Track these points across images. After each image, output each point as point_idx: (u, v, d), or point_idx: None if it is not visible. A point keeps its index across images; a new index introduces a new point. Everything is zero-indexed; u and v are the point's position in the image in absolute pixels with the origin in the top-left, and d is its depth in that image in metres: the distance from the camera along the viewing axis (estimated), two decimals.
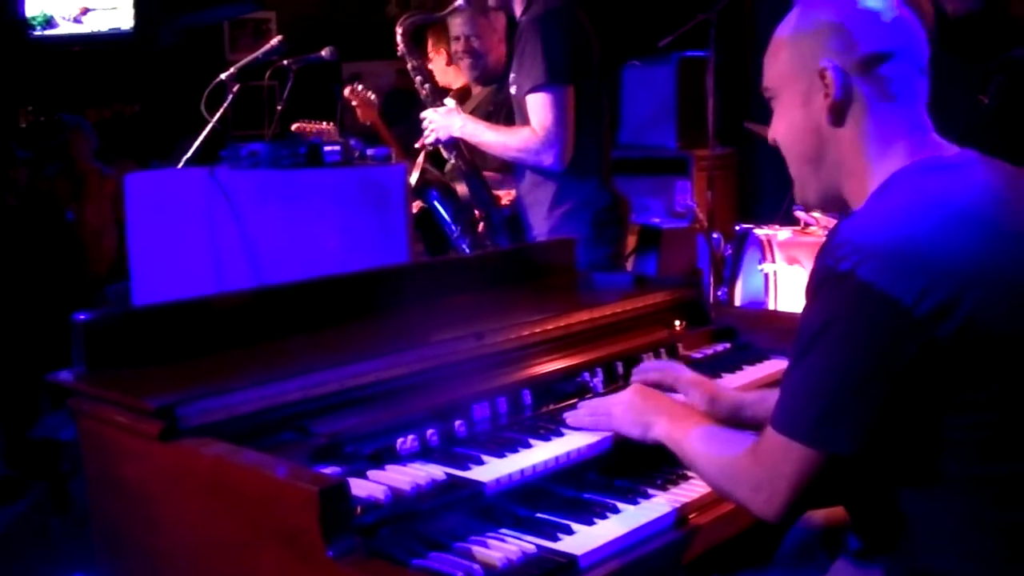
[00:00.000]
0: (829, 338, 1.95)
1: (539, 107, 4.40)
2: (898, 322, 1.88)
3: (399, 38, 4.98)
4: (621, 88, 8.78)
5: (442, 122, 4.79)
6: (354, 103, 6.36)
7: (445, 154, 4.94)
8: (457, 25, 5.50)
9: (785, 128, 2.24)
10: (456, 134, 4.76)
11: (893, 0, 2.15)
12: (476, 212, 4.91)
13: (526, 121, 4.49)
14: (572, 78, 4.41)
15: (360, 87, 6.37)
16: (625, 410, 2.51)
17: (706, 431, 2.32)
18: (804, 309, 2.02)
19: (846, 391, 1.93)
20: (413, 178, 4.96)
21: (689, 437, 2.32)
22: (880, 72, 2.11)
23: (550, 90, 4.38)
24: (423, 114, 4.90)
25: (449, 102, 4.91)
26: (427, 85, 4.98)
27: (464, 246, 4.89)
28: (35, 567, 4.32)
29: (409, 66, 5.01)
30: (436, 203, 5.00)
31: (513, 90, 4.61)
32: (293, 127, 5.88)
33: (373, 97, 6.38)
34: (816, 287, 2.00)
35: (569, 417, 2.59)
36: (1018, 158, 3.98)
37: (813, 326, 1.98)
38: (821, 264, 1.99)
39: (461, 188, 4.97)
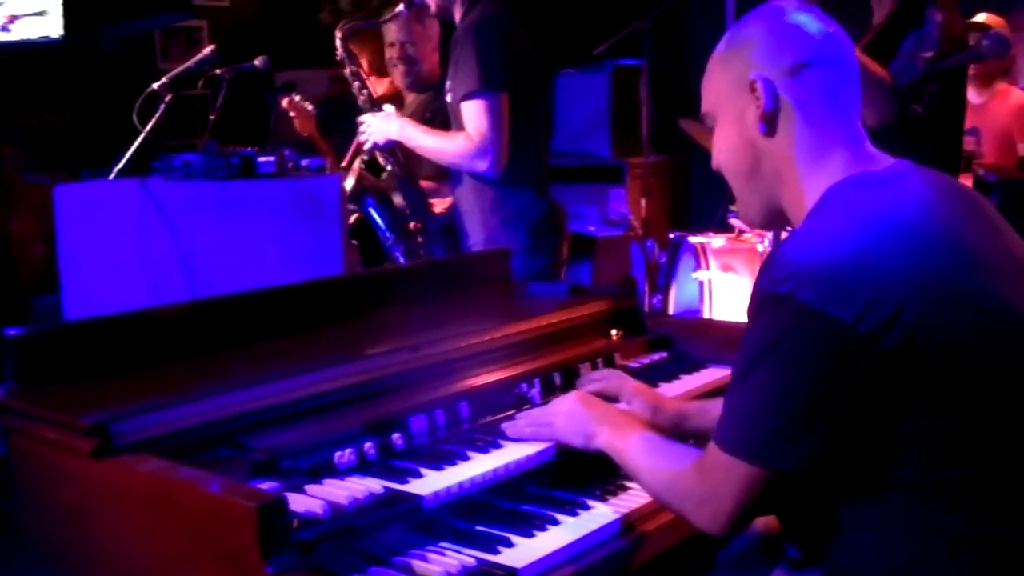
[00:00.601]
0: (773, 359, 1.96)
1: (474, 114, 4.40)
2: (841, 341, 1.89)
3: (338, 43, 4.97)
4: (555, 96, 8.81)
5: (379, 126, 4.77)
6: (292, 114, 6.31)
7: (381, 160, 4.91)
8: (393, 31, 5.49)
9: (723, 147, 2.27)
10: (394, 137, 4.73)
11: (819, 14, 2.19)
12: (411, 221, 4.89)
13: (461, 128, 4.48)
14: (506, 85, 4.41)
15: (298, 97, 6.32)
16: (566, 419, 2.51)
17: (649, 442, 2.33)
18: (746, 329, 2.03)
19: (791, 409, 1.94)
20: (349, 183, 4.94)
21: (632, 447, 2.33)
22: (808, 80, 2.14)
23: (484, 96, 4.38)
24: (360, 118, 4.89)
25: (388, 107, 4.90)
26: (365, 91, 4.96)
27: (398, 254, 4.87)
28: None
29: (347, 71, 5.00)
30: (371, 210, 4.97)
31: (448, 97, 4.60)
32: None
33: (311, 108, 6.33)
34: (757, 308, 2.01)
35: (508, 428, 2.59)
36: (951, 167, 4.03)
37: (756, 346, 1.99)
38: (761, 286, 2.00)
39: (398, 197, 4.95)
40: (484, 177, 4.48)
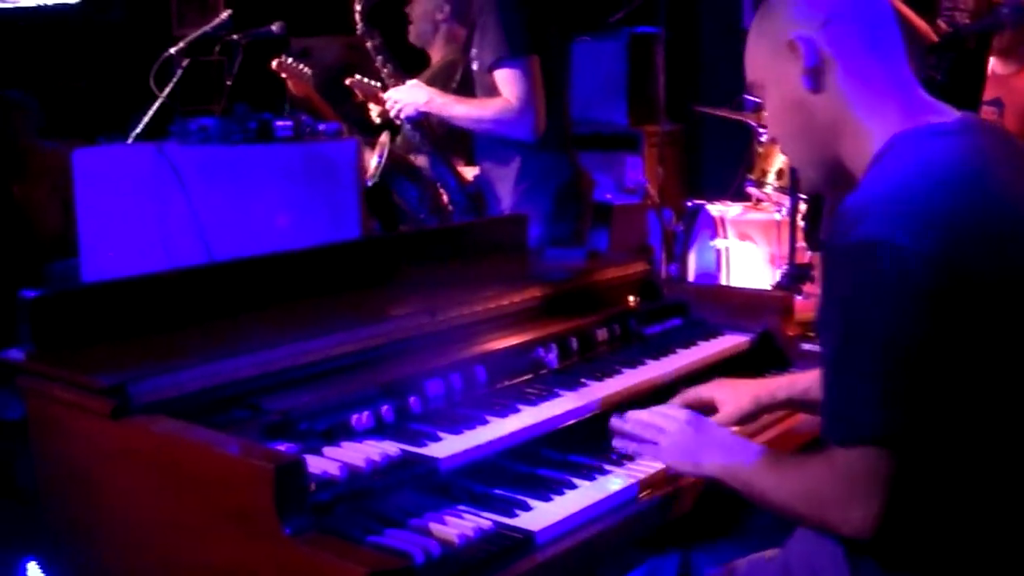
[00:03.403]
0: (854, 317, 1.92)
1: (507, 80, 4.37)
2: (920, 270, 1.86)
3: (357, 17, 4.89)
4: (571, 64, 8.76)
5: (408, 99, 4.71)
6: (283, 75, 6.22)
7: (409, 134, 4.86)
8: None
9: (774, 115, 2.26)
10: (423, 107, 4.68)
11: None
12: (443, 192, 4.85)
13: (488, 95, 4.46)
14: (534, 48, 4.38)
15: (290, 60, 6.16)
16: (673, 445, 2.39)
17: (768, 459, 2.22)
18: (823, 301, 2.00)
19: (890, 366, 1.89)
20: (373, 162, 4.90)
21: (751, 470, 2.21)
22: (845, 29, 2.13)
23: (515, 63, 4.35)
24: (386, 94, 4.83)
25: (411, 81, 4.84)
26: (388, 65, 4.90)
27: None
28: None
29: (369, 45, 4.92)
30: (402, 185, 4.94)
31: (475, 65, 4.57)
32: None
33: (306, 69, 6.20)
34: (831, 270, 1.99)
35: (616, 440, 2.49)
36: None
37: (838, 313, 1.95)
38: (830, 245, 1.98)
39: (420, 161, 4.92)
40: (522, 141, 4.44)
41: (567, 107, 4.73)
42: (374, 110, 5.43)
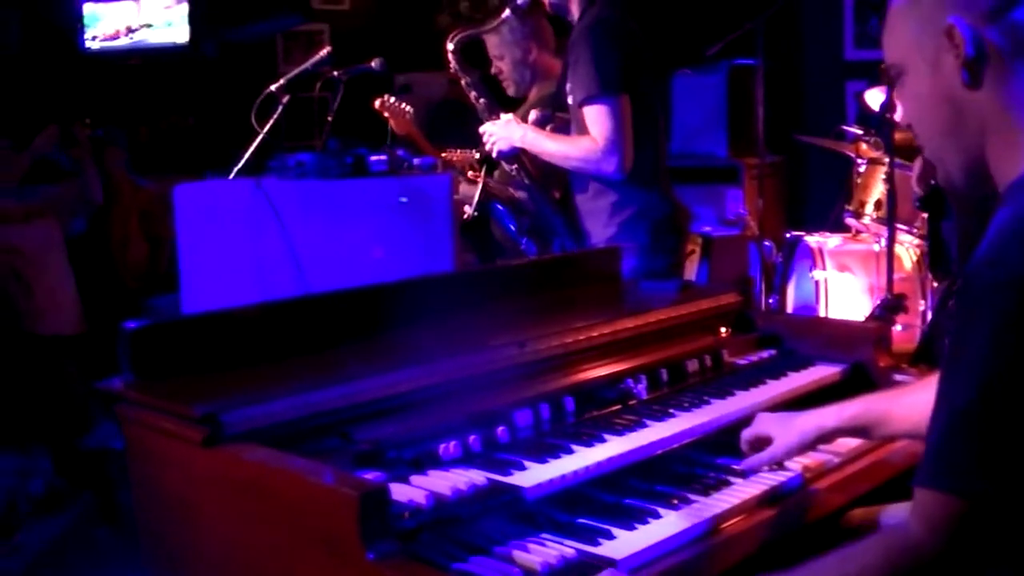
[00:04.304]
0: (970, 351, 1.78)
1: (596, 118, 4.39)
2: None
3: (450, 56, 4.93)
4: (671, 97, 8.78)
5: (502, 133, 4.75)
6: (385, 115, 6.32)
7: (506, 167, 4.90)
8: (490, 46, 5.52)
9: (915, 103, 2.06)
10: (517, 144, 4.71)
11: None
12: (541, 225, 4.87)
13: (581, 130, 4.49)
14: (625, 87, 4.41)
15: (392, 99, 6.29)
16: None
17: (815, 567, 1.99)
18: (952, 341, 1.84)
19: (984, 414, 1.75)
20: (473, 193, 4.95)
21: None
22: (1015, 20, 1.92)
23: (605, 101, 4.37)
24: (481, 128, 4.86)
25: (506, 115, 4.87)
26: (482, 100, 4.93)
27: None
28: None
29: (463, 83, 4.96)
30: (502, 217, 4.97)
31: (569, 100, 4.60)
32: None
33: (408, 108, 6.30)
34: (967, 308, 1.82)
35: None
36: None
37: (968, 357, 1.78)
38: (970, 277, 1.83)
39: (519, 194, 4.94)
40: (610, 179, 4.47)
41: (663, 142, 4.73)
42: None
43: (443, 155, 5.84)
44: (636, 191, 4.51)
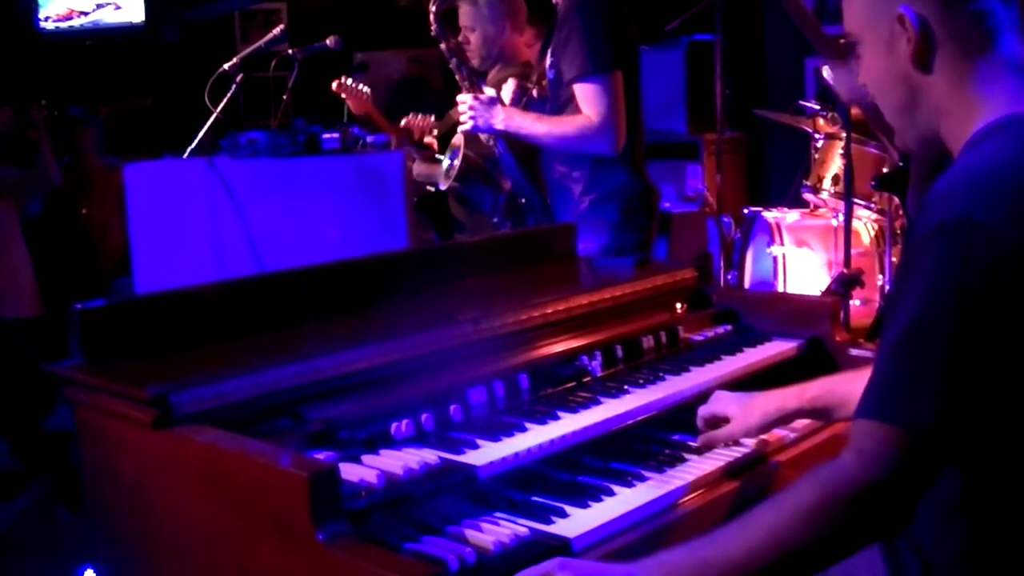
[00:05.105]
0: (908, 291, 1.83)
1: (591, 95, 4.33)
2: (990, 250, 1.77)
3: (431, 19, 4.81)
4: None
5: (483, 113, 4.63)
6: (343, 95, 6.30)
7: (484, 139, 4.81)
8: (466, 15, 5.46)
9: (872, 76, 2.09)
10: (498, 127, 4.61)
11: None
12: (519, 196, 4.81)
13: (564, 106, 4.45)
14: (618, 63, 4.37)
15: (349, 81, 6.30)
16: None
17: (738, 524, 1.97)
18: (894, 284, 1.91)
19: (924, 348, 1.80)
20: (446, 163, 4.91)
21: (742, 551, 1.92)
22: (965, 9, 1.96)
23: (599, 78, 4.32)
24: (459, 97, 4.75)
25: (489, 91, 4.79)
26: (463, 68, 4.85)
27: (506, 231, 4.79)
28: (41, 562, 4.34)
29: (443, 47, 4.86)
30: (476, 189, 4.92)
31: (550, 74, 4.55)
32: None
33: (366, 89, 6.29)
34: (911, 253, 1.88)
35: None
36: None
37: (910, 294, 1.83)
38: (912, 236, 1.88)
39: (500, 174, 4.87)
40: (601, 156, 4.43)
41: (643, 120, 4.69)
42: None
43: (401, 124, 5.82)
44: (613, 168, 4.45)
